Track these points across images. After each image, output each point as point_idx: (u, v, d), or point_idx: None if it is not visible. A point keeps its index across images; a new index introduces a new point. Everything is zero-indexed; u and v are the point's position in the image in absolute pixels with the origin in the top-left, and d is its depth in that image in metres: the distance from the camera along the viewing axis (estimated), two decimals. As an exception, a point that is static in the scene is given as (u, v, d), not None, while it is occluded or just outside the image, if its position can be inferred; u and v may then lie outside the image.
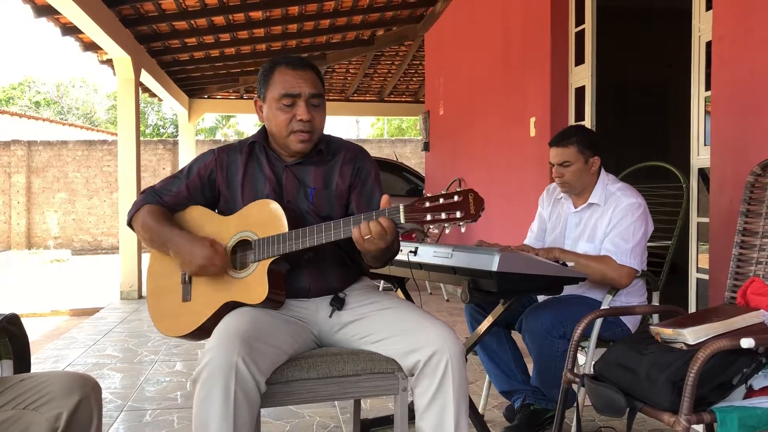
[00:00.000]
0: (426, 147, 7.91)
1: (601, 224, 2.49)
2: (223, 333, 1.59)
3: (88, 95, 30.43)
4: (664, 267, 2.67)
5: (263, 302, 1.73)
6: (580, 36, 4.03)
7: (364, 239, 1.60)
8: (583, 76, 3.99)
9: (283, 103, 1.81)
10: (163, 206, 1.90)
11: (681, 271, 3.05)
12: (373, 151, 14.81)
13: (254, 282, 1.75)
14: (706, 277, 2.78)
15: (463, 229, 1.55)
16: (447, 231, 1.57)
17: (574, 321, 2.06)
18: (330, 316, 1.84)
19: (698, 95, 2.94)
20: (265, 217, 1.78)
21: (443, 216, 1.52)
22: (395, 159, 11.35)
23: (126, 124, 6.57)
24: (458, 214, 1.51)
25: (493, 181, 5.45)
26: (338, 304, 1.84)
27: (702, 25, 2.90)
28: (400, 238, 1.84)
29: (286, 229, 1.73)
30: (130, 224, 1.93)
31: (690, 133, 2.99)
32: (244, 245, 1.81)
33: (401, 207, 1.58)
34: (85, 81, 30.74)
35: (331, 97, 11.34)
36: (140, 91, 7.53)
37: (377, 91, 11.86)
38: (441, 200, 1.53)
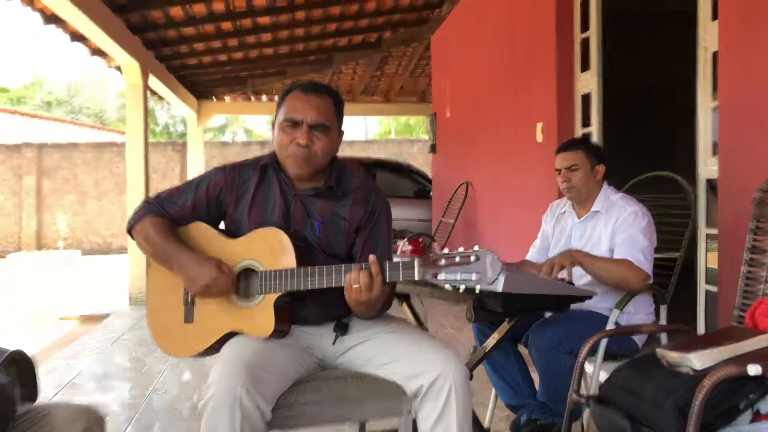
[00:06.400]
0: (433, 149, 7.89)
1: (604, 232, 2.52)
2: (227, 363, 1.58)
3: (99, 94, 30.56)
4: (672, 279, 2.65)
5: (269, 336, 1.72)
6: (585, 42, 4.01)
7: (352, 287, 1.61)
8: (588, 82, 3.97)
9: (287, 125, 1.80)
10: (167, 218, 1.85)
11: (691, 275, 3.00)
12: (380, 152, 14.76)
13: (260, 315, 1.73)
14: (715, 288, 2.76)
15: (477, 290, 1.51)
16: (460, 291, 1.53)
17: (581, 337, 2.05)
18: (333, 344, 1.83)
19: (705, 105, 2.91)
20: (273, 248, 1.74)
21: (458, 276, 1.50)
22: (402, 161, 11.32)
23: (134, 129, 6.61)
24: (474, 277, 1.49)
25: (500, 185, 5.44)
26: (342, 330, 1.82)
27: (708, 36, 2.87)
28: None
29: (294, 264, 1.71)
30: (129, 232, 1.87)
31: (696, 143, 2.96)
32: (248, 272, 1.79)
33: (416, 261, 1.56)
34: (95, 79, 30.87)
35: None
36: (149, 95, 7.55)
37: (384, 92, 11.85)
38: (457, 258, 1.50)
